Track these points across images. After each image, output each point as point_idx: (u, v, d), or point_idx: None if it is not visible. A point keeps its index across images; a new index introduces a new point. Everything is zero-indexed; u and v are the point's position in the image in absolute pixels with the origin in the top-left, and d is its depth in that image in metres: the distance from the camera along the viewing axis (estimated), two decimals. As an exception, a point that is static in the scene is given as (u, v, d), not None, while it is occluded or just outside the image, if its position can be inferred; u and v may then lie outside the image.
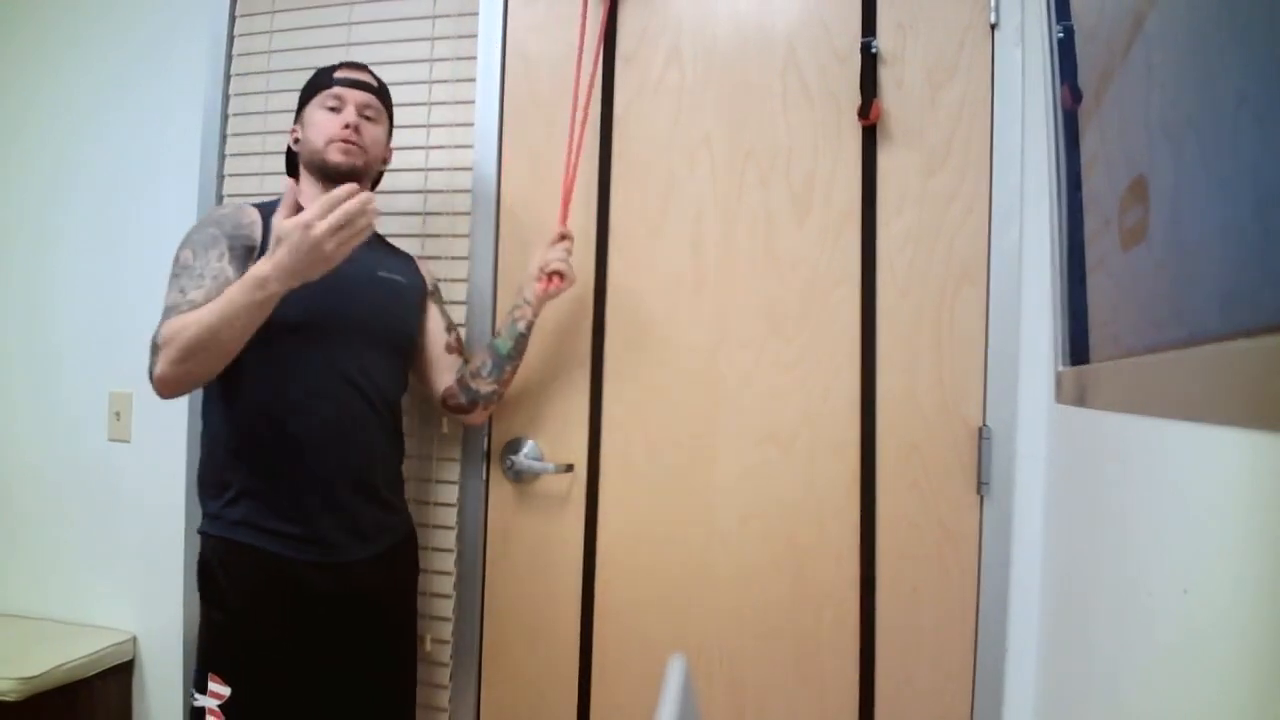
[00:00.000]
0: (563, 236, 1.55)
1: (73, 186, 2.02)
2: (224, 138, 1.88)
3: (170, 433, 1.88)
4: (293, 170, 1.55)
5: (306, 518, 1.37)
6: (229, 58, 1.88)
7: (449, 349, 1.59)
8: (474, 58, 1.74)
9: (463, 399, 1.56)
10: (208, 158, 1.88)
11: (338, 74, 1.47)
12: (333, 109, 1.44)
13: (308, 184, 1.47)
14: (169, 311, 1.27)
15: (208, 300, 1.25)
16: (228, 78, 1.88)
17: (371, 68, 1.54)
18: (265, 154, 1.85)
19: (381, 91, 1.52)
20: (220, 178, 1.87)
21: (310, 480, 1.37)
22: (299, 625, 1.37)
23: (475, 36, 1.74)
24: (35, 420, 2.03)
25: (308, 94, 1.49)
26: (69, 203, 2.02)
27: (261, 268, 1.17)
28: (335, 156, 1.42)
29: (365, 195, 1.16)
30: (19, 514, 2.03)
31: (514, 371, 1.56)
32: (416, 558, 1.61)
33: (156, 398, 1.30)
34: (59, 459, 2.00)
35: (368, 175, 1.49)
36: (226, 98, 1.88)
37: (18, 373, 2.05)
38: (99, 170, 2.00)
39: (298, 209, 1.19)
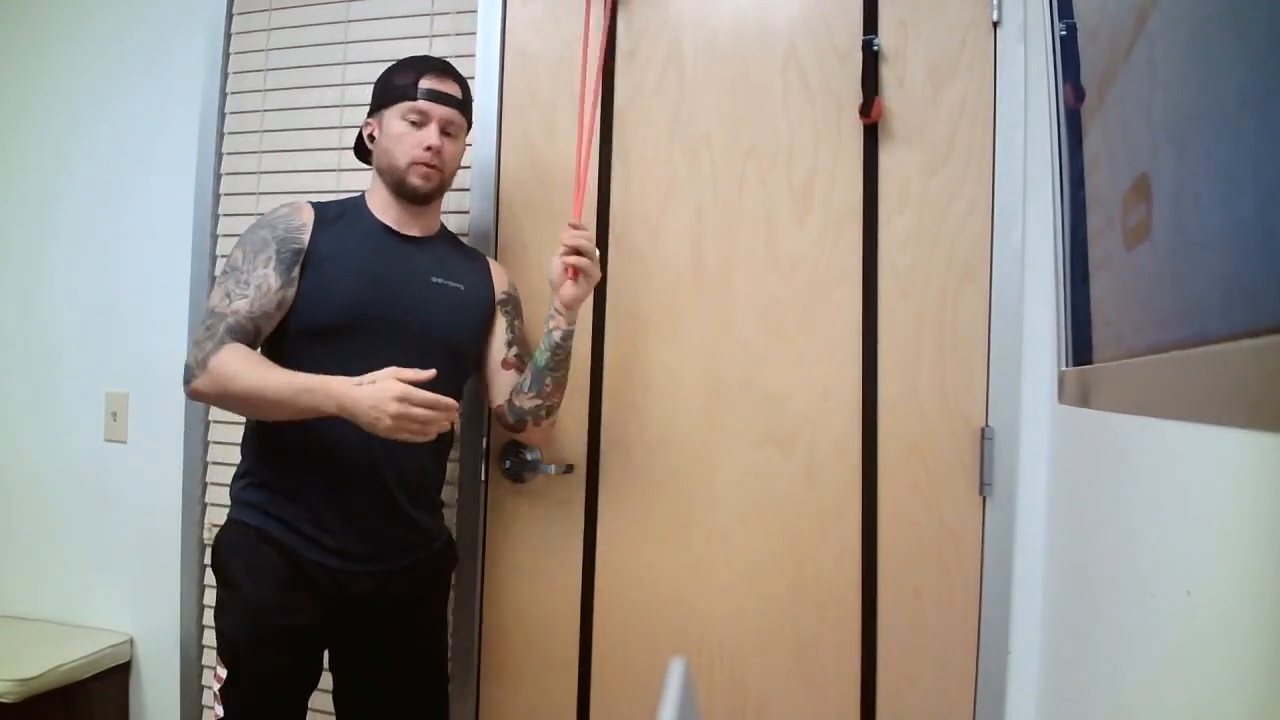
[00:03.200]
0: (573, 227, 1.43)
1: (69, 185, 2.02)
2: (221, 136, 1.87)
3: (167, 433, 1.88)
4: (363, 156, 1.52)
5: (323, 529, 1.35)
6: (226, 56, 1.88)
7: (505, 365, 1.51)
8: (472, 55, 1.73)
9: (510, 418, 1.50)
10: (205, 156, 1.87)
11: (423, 83, 1.39)
12: (415, 124, 1.39)
13: (379, 188, 1.44)
14: (214, 315, 1.30)
15: (250, 313, 1.30)
16: (225, 76, 1.88)
17: (454, 71, 1.45)
18: (262, 153, 1.84)
19: (465, 103, 1.45)
20: (217, 176, 1.87)
21: (332, 496, 1.35)
22: (294, 613, 1.34)
23: (474, 34, 1.73)
24: (31, 421, 2.02)
25: (389, 94, 1.42)
26: (65, 201, 2.02)
27: (332, 386, 1.22)
28: (415, 180, 1.39)
29: (453, 412, 1.23)
30: (15, 515, 2.03)
31: (556, 385, 1.48)
32: (443, 572, 1.55)
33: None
34: (55, 460, 2.00)
35: (442, 191, 1.46)
36: (224, 96, 1.88)
37: (13, 373, 2.05)
38: (96, 169, 2.00)
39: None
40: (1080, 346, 1.04)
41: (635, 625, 1.62)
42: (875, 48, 1.51)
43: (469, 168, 1.72)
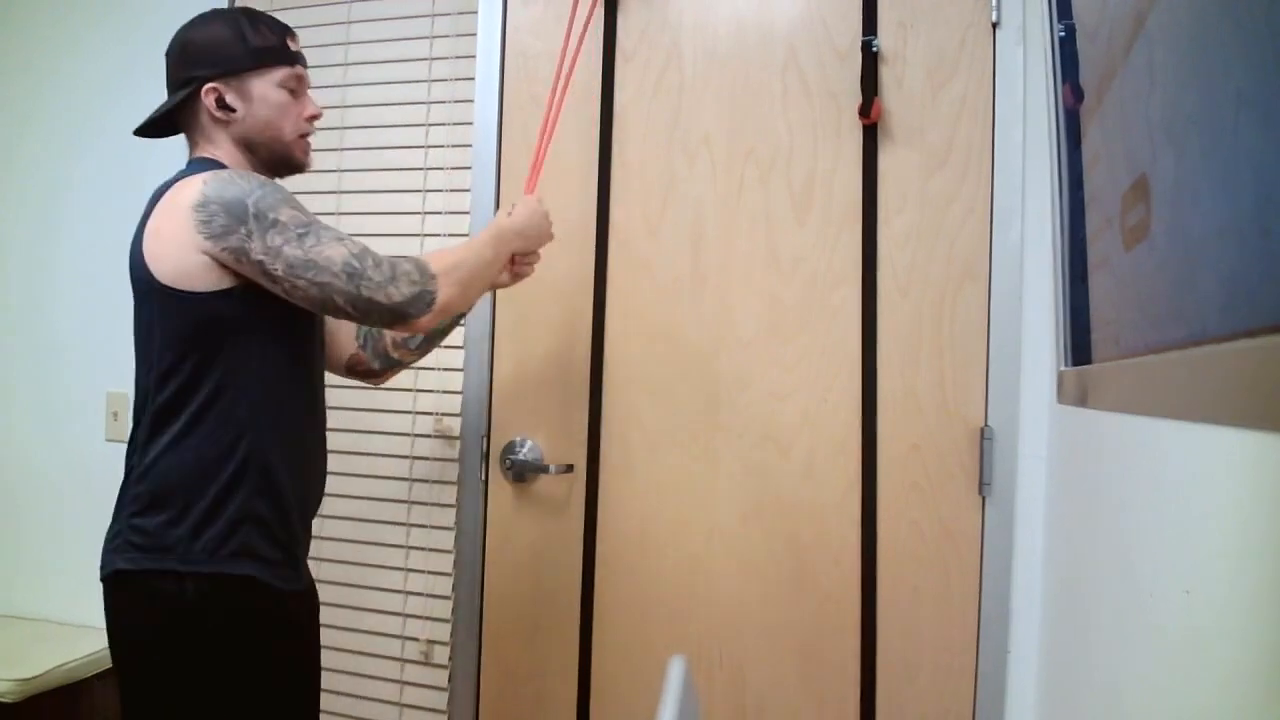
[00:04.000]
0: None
1: (72, 186, 2.02)
2: (223, 137, 1.87)
3: (169, 433, 1.88)
4: (166, 128, 1.32)
5: (292, 542, 1.24)
6: (228, 57, 1.88)
7: None
8: (473, 56, 1.73)
9: (376, 365, 1.48)
10: (207, 157, 1.87)
11: (294, 47, 1.27)
12: (293, 91, 1.26)
13: (240, 161, 1.25)
14: (370, 255, 1.15)
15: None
16: (226, 77, 1.87)
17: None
18: (264, 153, 1.84)
19: None
20: (219, 177, 1.87)
21: (302, 498, 1.27)
22: (290, 662, 1.24)
23: (474, 35, 1.73)
24: (33, 420, 2.03)
25: (253, 56, 1.23)
26: (68, 202, 2.02)
27: (503, 226, 1.34)
28: (301, 156, 1.29)
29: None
30: (17, 515, 2.03)
31: (437, 345, 1.52)
32: None
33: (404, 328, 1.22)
34: (57, 459, 2.00)
35: None
36: (225, 97, 1.87)
37: (16, 372, 2.05)
38: (98, 170, 2.00)
39: None
40: (1079, 346, 1.04)
41: (635, 625, 1.63)
42: (874, 49, 1.51)
43: (469, 168, 1.72)
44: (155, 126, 1.32)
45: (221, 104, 1.23)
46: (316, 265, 1.12)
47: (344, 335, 1.47)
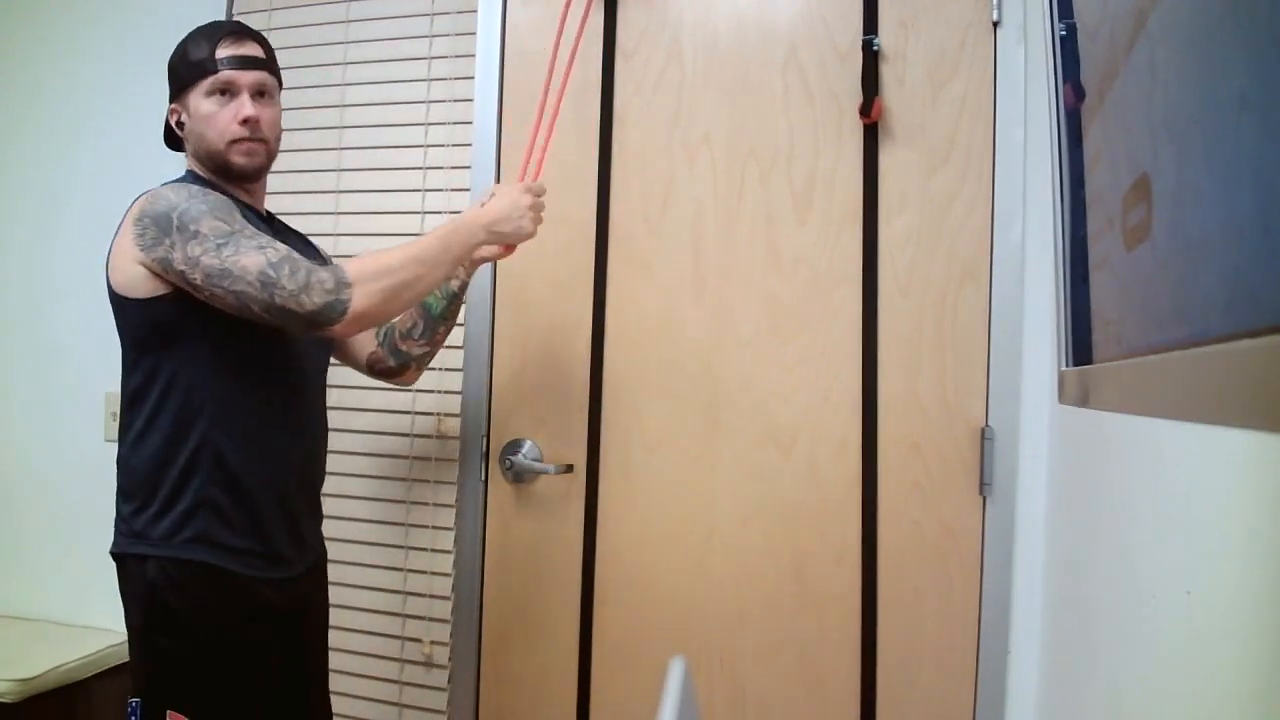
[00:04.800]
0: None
1: (71, 186, 2.02)
2: (222, 137, 1.87)
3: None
4: (174, 144, 1.40)
5: (262, 531, 1.27)
6: (227, 56, 1.87)
7: None
8: (473, 55, 1.73)
9: (392, 362, 1.50)
10: (206, 157, 1.87)
11: (221, 52, 1.27)
12: (223, 94, 1.28)
13: (203, 170, 1.33)
14: (289, 263, 1.17)
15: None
16: (226, 76, 1.87)
17: (251, 30, 1.34)
18: (264, 153, 1.84)
19: (272, 60, 1.34)
20: (219, 177, 1.87)
21: (272, 490, 1.29)
22: (259, 646, 1.28)
23: (474, 34, 1.73)
24: (32, 421, 2.03)
25: (188, 74, 1.29)
26: (67, 203, 2.02)
27: (468, 218, 1.31)
28: (239, 160, 1.29)
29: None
30: (16, 515, 2.03)
31: (447, 332, 1.51)
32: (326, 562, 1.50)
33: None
34: (56, 460, 2.00)
35: (271, 163, 1.36)
36: (225, 96, 1.87)
37: (16, 373, 2.05)
38: (97, 170, 2.00)
39: None
40: (1080, 346, 1.04)
41: (635, 625, 1.62)
42: (875, 48, 1.50)
43: (469, 168, 1.72)
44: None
45: (180, 124, 1.34)
46: (232, 274, 1.16)
47: (364, 335, 1.48)
